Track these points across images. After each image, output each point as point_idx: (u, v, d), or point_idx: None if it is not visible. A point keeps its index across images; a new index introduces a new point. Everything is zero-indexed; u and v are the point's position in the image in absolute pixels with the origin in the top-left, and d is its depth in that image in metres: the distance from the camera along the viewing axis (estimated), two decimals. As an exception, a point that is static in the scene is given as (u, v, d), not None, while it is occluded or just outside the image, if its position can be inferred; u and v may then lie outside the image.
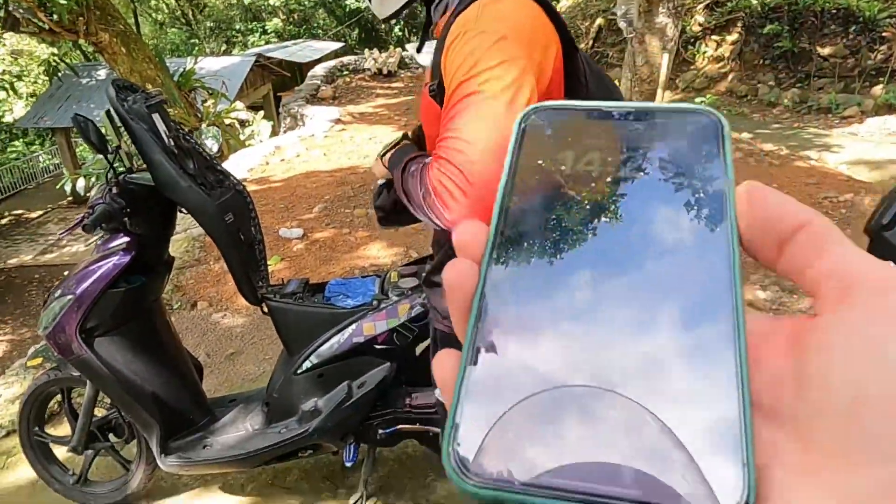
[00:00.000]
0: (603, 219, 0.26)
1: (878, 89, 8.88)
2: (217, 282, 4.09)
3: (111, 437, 2.25)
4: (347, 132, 7.75)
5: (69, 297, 1.93)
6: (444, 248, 1.33)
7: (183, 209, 2.06)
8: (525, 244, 0.26)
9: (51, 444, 2.32)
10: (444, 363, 0.25)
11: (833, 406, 0.20)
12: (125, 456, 2.28)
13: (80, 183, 7.90)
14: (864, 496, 0.19)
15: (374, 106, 9.35)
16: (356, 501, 2.16)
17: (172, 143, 1.89)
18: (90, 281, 1.91)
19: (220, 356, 3.32)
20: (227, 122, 7.72)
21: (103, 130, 1.86)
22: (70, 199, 14.21)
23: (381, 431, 2.06)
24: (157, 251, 2.05)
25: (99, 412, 2.21)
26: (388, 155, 1.28)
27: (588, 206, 0.27)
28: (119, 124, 1.92)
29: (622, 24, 5.84)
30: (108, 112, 1.91)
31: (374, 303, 1.98)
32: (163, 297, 2.22)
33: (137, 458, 2.20)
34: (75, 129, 1.95)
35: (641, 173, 0.27)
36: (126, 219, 1.87)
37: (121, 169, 1.96)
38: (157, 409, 2.03)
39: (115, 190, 1.88)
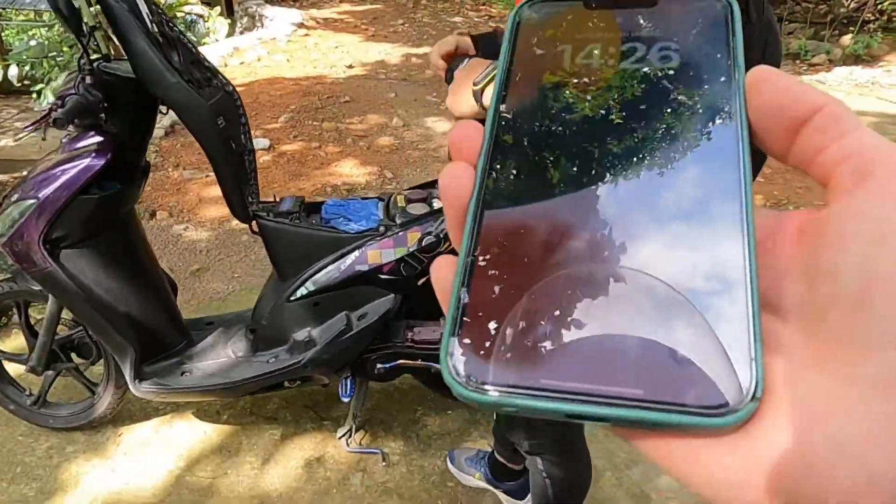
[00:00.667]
0: (604, 111, 0.25)
1: (847, 39, 8.88)
2: (177, 190, 3.79)
3: (74, 357, 2.04)
4: (311, 38, 7.25)
5: (31, 201, 1.67)
6: None
7: (164, 108, 1.80)
8: (522, 143, 0.26)
9: (3, 361, 2.09)
10: (442, 268, 0.25)
11: (844, 296, 0.19)
12: (90, 377, 2.09)
13: (13, 71, 7.18)
14: (874, 380, 0.18)
15: (338, 12, 8.76)
16: (344, 435, 2.05)
17: (156, 30, 1.62)
18: (57, 185, 1.66)
19: (183, 272, 3.09)
20: (179, 16, 7.07)
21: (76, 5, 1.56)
22: (-4, 88, 13.10)
23: (379, 366, 1.93)
24: (134, 154, 1.79)
25: (61, 330, 1.99)
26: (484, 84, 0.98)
27: (589, 100, 0.26)
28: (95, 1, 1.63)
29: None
30: (82, -13, 1.61)
31: (381, 228, 1.80)
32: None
33: (105, 380, 2.01)
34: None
35: (645, 64, 0.26)
36: (102, 115, 1.61)
37: (94, 56, 1.67)
38: (131, 331, 1.83)
39: (88, 80, 1.60)
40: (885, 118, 5.94)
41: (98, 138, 1.68)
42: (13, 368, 2.12)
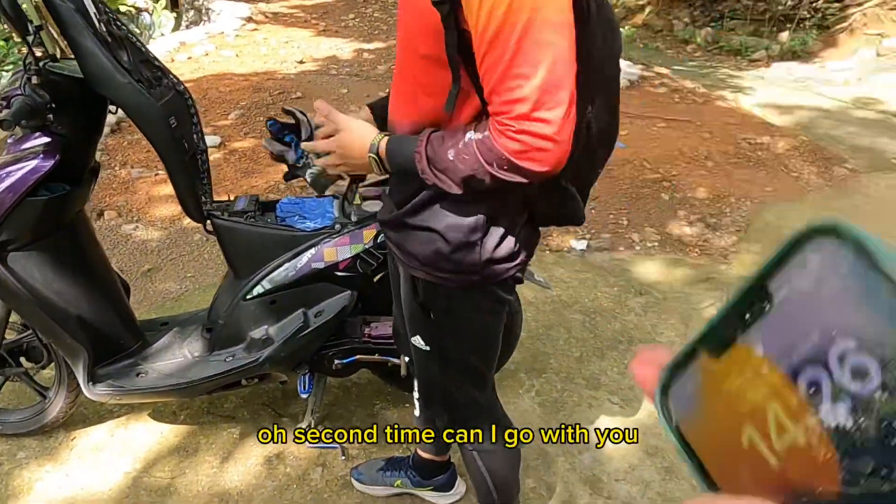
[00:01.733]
0: None
1: (784, 35, 9.22)
2: (125, 189, 3.72)
3: (24, 361, 2.01)
4: (261, 33, 7.15)
5: (-25, 204, 1.63)
6: (416, 185, 1.16)
7: (113, 108, 1.78)
8: None
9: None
10: (644, 368, 0.31)
11: None
12: (40, 382, 2.05)
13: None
14: None
15: (288, 6, 8.65)
16: (304, 431, 2.07)
17: (104, 29, 1.60)
18: (3, 187, 1.62)
19: (134, 272, 3.04)
20: (123, 10, 6.89)
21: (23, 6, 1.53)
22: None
23: (337, 362, 1.96)
24: (82, 155, 1.77)
25: (10, 334, 1.95)
26: (384, 148, 1.13)
27: None
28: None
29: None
30: (26, -16, 1.58)
31: (337, 226, 1.83)
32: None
33: (57, 384, 1.99)
34: None
35: None
36: (50, 115, 1.59)
37: (40, 55, 1.64)
38: (83, 334, 1.81)
39: (35, 80, 1.58)
40: (819, 112, 6.21)
41: (45, 139, 1.65)
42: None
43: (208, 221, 1.86)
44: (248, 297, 1.90)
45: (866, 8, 9.12)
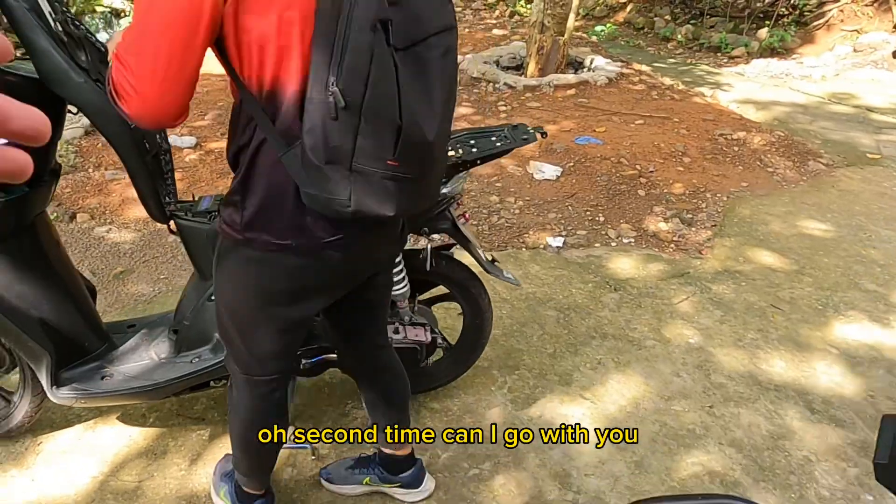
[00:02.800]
0: None
1: (763, 32, 9.30)
2: (98, 191, 3.68)
3: (-13, 366, 1.98)
4: (239, 33, 7.11)
5: (-69, 207, 1.61)
6: (241, 165, 1.19)
7: (73, 108, 1.76)
8: None
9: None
10: None
11: None
12: (4, 387, 2.03)
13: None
14: None
15: (267, 6, 8.62)
16: (273, 431, 2.05)
17: (60, 29, 1.59)
18: (-41, 190, 1.61)
19: (106, 275, 3.02)
20: (100, 10, 6.83)
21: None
22: None
23: (304, 361, 1.95)
24: (41, 156, 1.74)
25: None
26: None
27: None
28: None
29: (539, -59, 5.65)
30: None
31: (301, 225, 1.82)
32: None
33: (21, 388, 1.96)
34: None
35: None
36: None
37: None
38: (46, 337, 1.79)
39: None
40: (795, 107, 6.26)
41: (2, 140, 1.63)
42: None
43: (171, 222, 1.85)
44: (213, 297, 1.88)
45: (843, 4, 9.21)
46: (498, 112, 5.37)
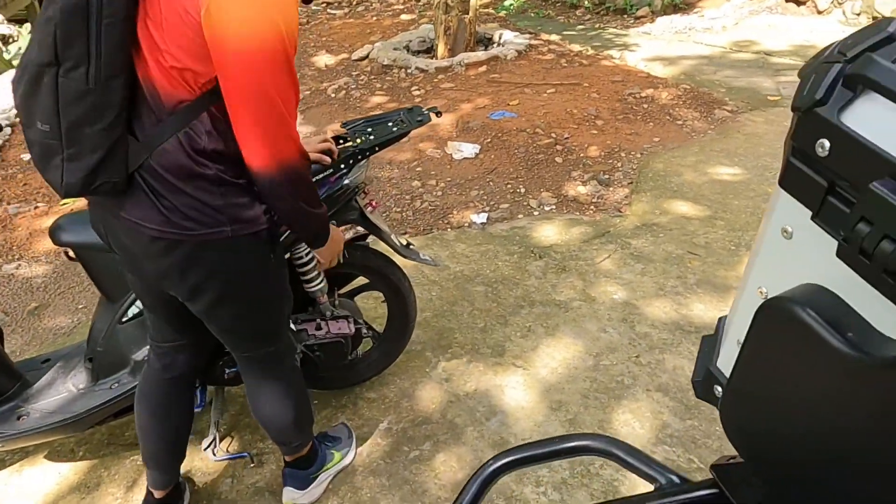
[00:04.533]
0: None
1: (664, -10, 9.52)
2: (3, 227, 3.52)
3: None
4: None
5: None
6: None
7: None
8: None
9: None
10: None
11: None
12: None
13: None
14: None
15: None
16: (209, 445, 2.03)
17: None
18: None
19: (20, 312, 2.90)
20: (-15, 38, 6.47)
21: None
22: None
23: (227, 371, 1.93)
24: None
25: None
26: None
27: None
28: None
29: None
30: None
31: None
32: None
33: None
34: None
35: None
36: None
37: None
38: (-51, 385, 1.72)
39: None
40: (700, 59, 6.46)
41: None
42: None
43: (69, 249, 1.79)
44: (124, 319, 1.85)
45: (735, -45, 9.52)
46: (412, 96, 5.37)
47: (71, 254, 1.81)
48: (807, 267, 0.45)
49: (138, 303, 1.80)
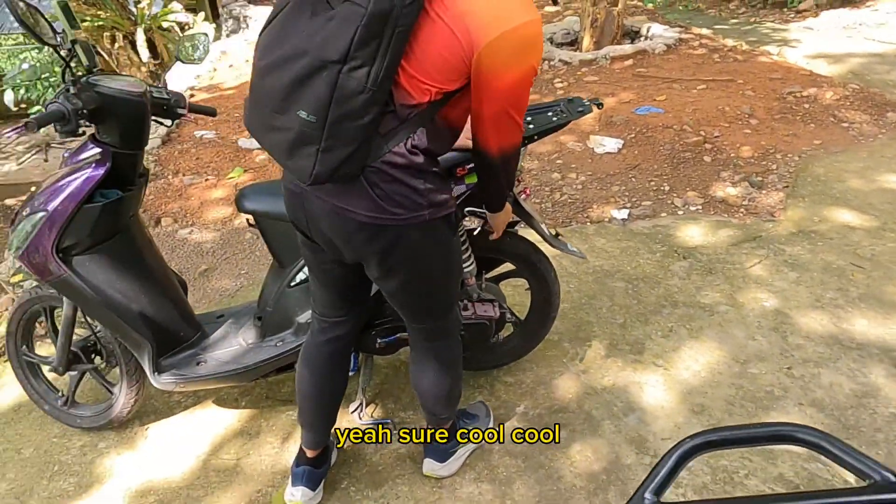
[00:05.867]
0: None
1: (832, -18, 8.81)
2: (179, 196, 3.91)
3: (97, 359, 2.17)
4: (297, 34, 7.32)
5: (41, 214, 1.79)
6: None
7: (156, 118, 1.91)
8: None
9: (40, 365, 2.23)
10: None
11: None
12: (111, 379, 2.21)
13: (8, 96, 7.31)
14: None
15: (321, 6, 8.81)
16: (356, 409, 2.17)
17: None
18: (63, 197, 1.77)
19: (192, 273, 3.21)
20: (166, 25, 7.17)
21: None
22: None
23: (379, 340, 2.04)
24: (131, 162, 1.89)
25: (83, 332, 2.12)
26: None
27: None
28: (74, 20, 1.74)
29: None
30: (63, 4, 1.72)
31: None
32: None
33: (120, 381, 2.12)
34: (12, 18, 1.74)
35: None
36: (82, 121, 1.70)
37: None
38: (146, 328, 1.96)
39: (72, 90, 1.71)
40: (871, 57, 5.94)
41: (96, 150, 1.79)
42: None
43: (250, 216, 1.97)
44: (293, 283, 2.01)
45: (920, -57, 8.61)
46: (555, 89, 5.34)
47: (251, 220, 1.99)
48: None
49: (306, 269, 1.95)
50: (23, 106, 8.04)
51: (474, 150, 1.41)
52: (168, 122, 1.98)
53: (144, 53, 6.91)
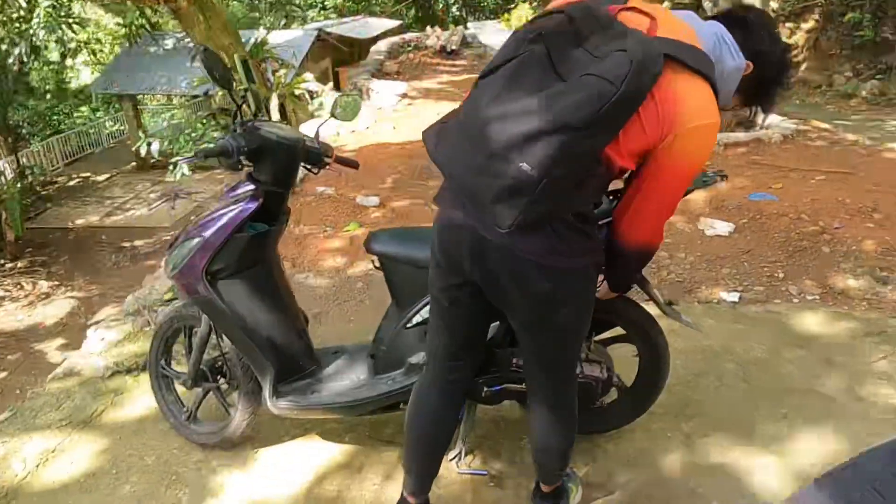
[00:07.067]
0: None
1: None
2: (298, 244, 4.18)
3: (221, 380, 2.33)
4: (414, 107, 7.78)
5: (198, 239, 2.00)
6: None
7: (306, 165, 2.12)
8: None
9: (174, 380, 2.42)
10: None
11: None
12: (230, 401, 2.36)
13: (155, 146, 8.12)
14: None
15: (438, 82, 9.34)
16: (455, 457, 2.19)
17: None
18: (219, 225, 1.98)
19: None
20: (297, 92, 7.82)
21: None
22: (135, 163, 14.65)
23: (486, 389, 2.08)
24: (279, 200, 2.09)
25: (214, 353, 2.29)
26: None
27: None
28: (251, 73, 1.98)
29: (707, 5, 5.70)
30: (243, 60, 1.97)
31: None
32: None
33: (238, 403, 2.26)
34: (201, 65, 2.01)
35: None
36: (243, 157, 1.92)
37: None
38: (272, 353, 2.10)
39: (238, 131, 1.94)
40: None
41: (251, 186, 2.00)
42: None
43: (376, 258, 2.11)
44: (409, 325, 2.10)
45: None
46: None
47: (376, 263, 2.13)
48: None
49: (423, 311, 2.04)
50: (160, 158, 8.90)
51: (612, 238, 1.54)
52: (315, 169, 2.18)
53: (275, 116, 7.55)
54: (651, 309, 2.14)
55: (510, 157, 1.24)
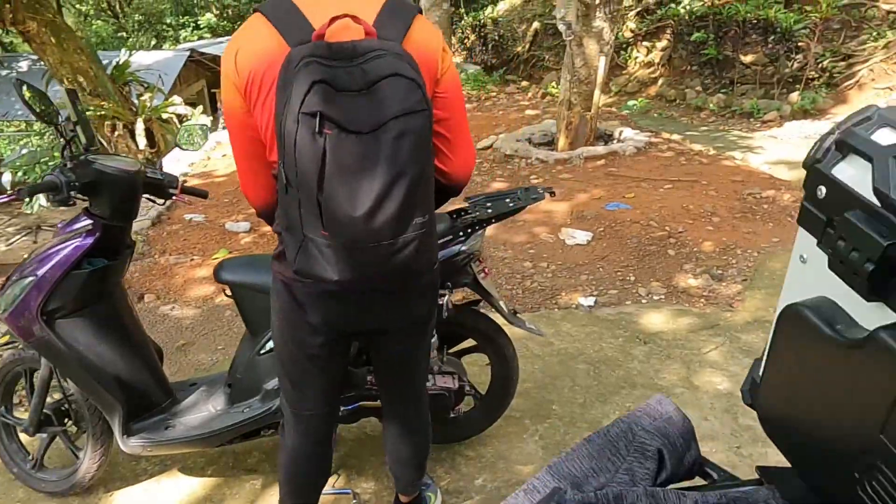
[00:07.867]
0: None
1: (794, 96, 9.46)
2: (164, 274, 4.05)
3: (67, 422, 2.23)
4: (290, 128, 7.71)
5: (30, 279, 1.92)
6: None
7: (148, 195, 2.09)
8: None
9: (15, 427, 2.28)
10: None
11: None
12: (79, 444, 2.26)
13: (6, 177, 7.55)
14: None
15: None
16: (318, 478, 2.22)
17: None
18: (52, 263, 1.91)
19: (171, 347, 3.30)
20: (165, 117, 7.55)
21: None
22: (-10, 196, 13.50)
23: (343, 408, 2.13)
24: (119, 234, 2.05)
25: (57, 396, 2.19)
26: None
27: None
28: (78, 103, 1.94)
29: (561, 27, 6.07)
30: (68, 90, 1.93)
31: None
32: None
33: (86, 446, 2.17)
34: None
35: None
36: (78, 195, 1.88)
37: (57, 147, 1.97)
38: (119, 390, 2.04)
39: (69, 165, 1.89)
40: (828, 165, 6.31)
41: (88, 221, 1.95)
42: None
43: (226, 287, 2.11)
44: (262, 351, 2.12)
45: (872, 64, 9.35)
46: (530, 184, 5.64)
47: (228, 291, 2.13)
48: (816, 282, 0.59)
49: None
50: (19, 189, 8.30)
51: (454, 177, 1.53)
52: (161, 200, 2.15)
53: (142, 142, 7.25)
54: (498, 319, 2.27)
55: (406, 223, 1.27)
